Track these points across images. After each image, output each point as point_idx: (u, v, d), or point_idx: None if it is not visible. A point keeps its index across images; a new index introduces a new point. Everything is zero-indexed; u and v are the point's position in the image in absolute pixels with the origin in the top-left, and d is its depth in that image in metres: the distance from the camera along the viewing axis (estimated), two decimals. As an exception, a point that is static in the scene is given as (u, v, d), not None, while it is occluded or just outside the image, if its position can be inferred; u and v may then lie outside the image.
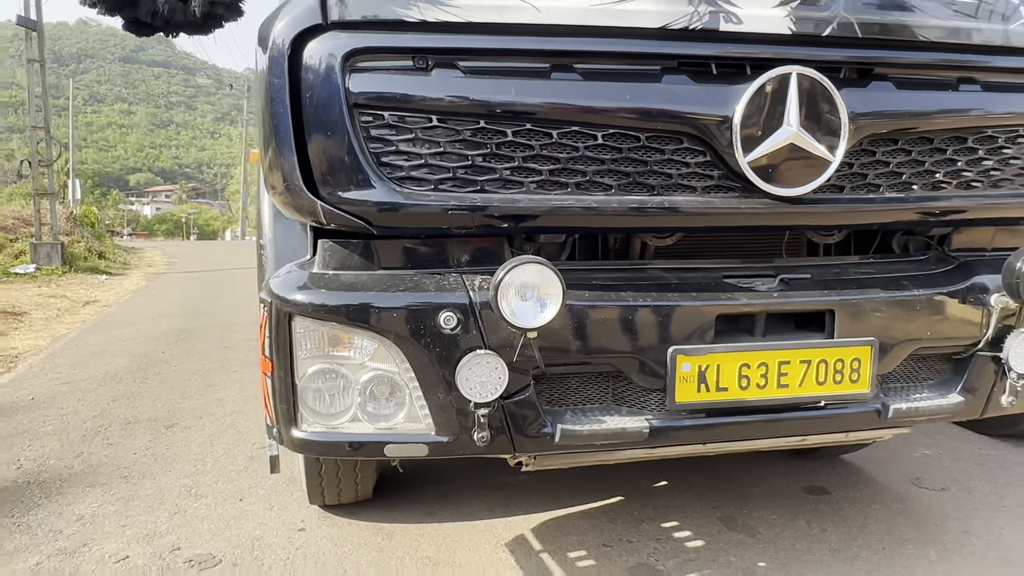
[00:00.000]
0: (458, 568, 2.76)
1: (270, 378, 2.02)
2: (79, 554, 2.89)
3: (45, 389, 5.62)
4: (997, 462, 3.94)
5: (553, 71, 1.89)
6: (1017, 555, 2.90)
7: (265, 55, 1.89)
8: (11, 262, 13.81)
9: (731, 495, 3.43)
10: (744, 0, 1.93)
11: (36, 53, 13.57)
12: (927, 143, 2.16)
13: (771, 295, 2.10)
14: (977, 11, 2.12)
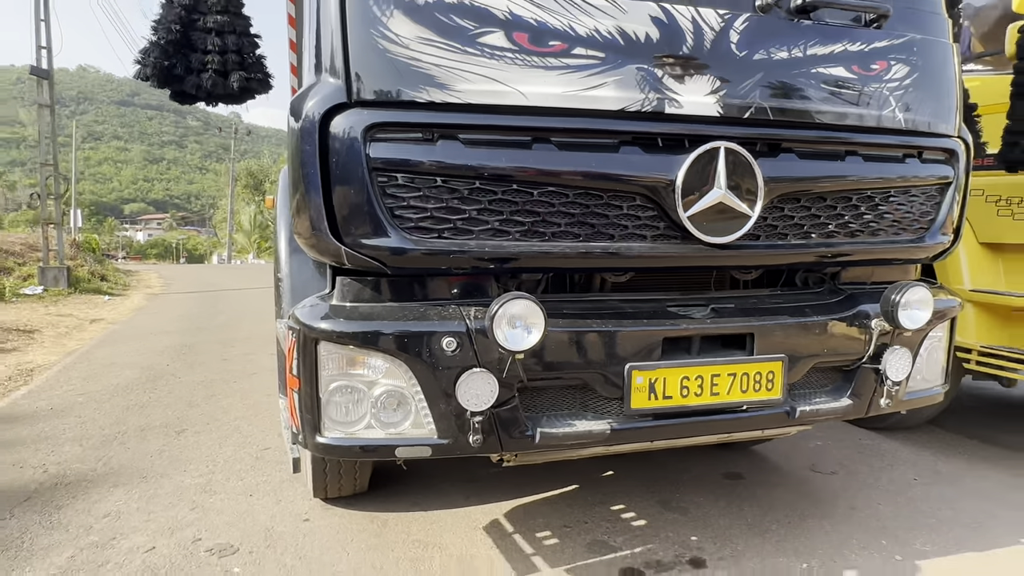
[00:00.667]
0: (445, 549, 2.79)
1: (297, 393, 2.05)
2: (110, 546, 2.82)
3: (62, 399, 5.39)
4: (873, 450, 4.14)
5: (534, 143, 1.99)
6: (891, 524, 3.08)
7: (297, 125, 1.94)
8: (20, 284, 13.13)
9: (666, 482, 3.53)
10: (684, 88, 2.07)
11: (47, 99, 13.05)
12: (822, 201, 2.32)
13: (705, 321, 2.23)
14: (859, 100, 2.30)
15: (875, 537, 2.95)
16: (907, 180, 2.43)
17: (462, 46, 1.91)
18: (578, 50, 1.98)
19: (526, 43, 1.95)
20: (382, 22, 1.88)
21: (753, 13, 2.15)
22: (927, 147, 2.46)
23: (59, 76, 15.83)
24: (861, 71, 2.29)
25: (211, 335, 8.90)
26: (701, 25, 2.09)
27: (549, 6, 1.96)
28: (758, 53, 2.15)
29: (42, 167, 13.18)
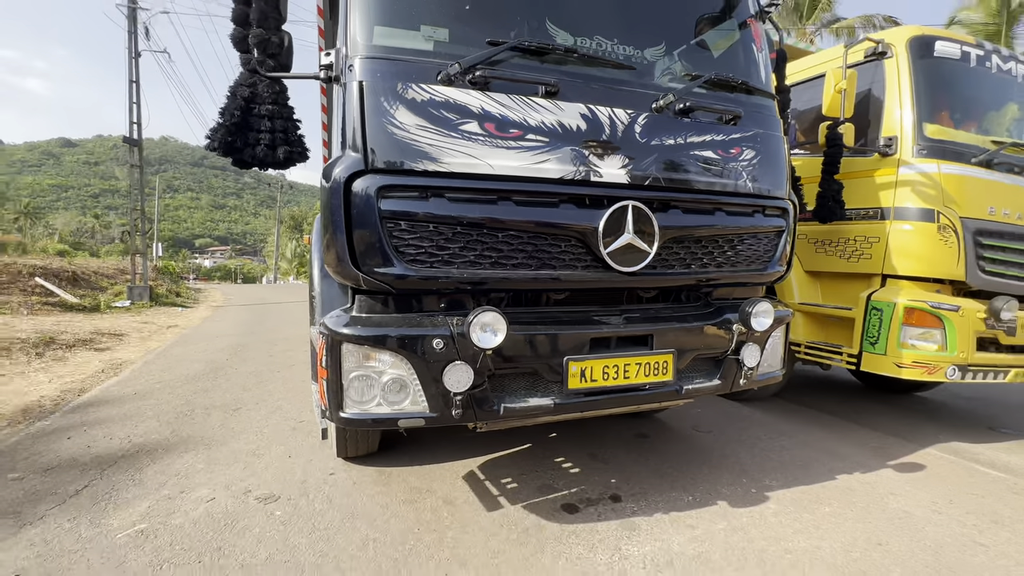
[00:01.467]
0: (434, 492, 2.73)
1: (326, 380, 2.00)
2: (179, 498, 2.67)
3: (144, 386, 5.11)
4: (736, 415, 4.20)
5: (499, 200, 2.01)
6: (749, 468, 3.12)
7: (328, 185, 1.92)
8: (113, 299, 12.46)
9: (594, 440, 3.52)
10: (603, 164, 2.12)
11: (136, 160, 12.55)
12: (699, 243, 2.39)
13: (619, 326, 2.26)
14: (722, 173, 2.39)
15: (738, 477, 3.01)
16: (755, 228, 2.52)
17: (448, 131, 1.92)
18: (530, 136, 2.02)
19: (493, 130, 1.97)
20: (390, 114, 1.89)
21: (651, 112, 2.23)
22: (768, 206, 2.56)
23: (145, 144, 15.25)
24: (724, 153, 2.39)
25: (260, 337, 8.58)
26: (615, 120, 2.15)
27: (509, 105, 2.00)
28: (654, 140, 2.22)
29: (131, 211, 12.63)
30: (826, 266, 3.92)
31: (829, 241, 3.88)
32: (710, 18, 2.59)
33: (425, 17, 2.03)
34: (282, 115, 2.13)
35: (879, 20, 17.54)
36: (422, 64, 1.94)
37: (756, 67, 2.67)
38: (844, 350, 3.68)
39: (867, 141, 3.70)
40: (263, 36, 2.03)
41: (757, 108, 2.56)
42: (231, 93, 2.09)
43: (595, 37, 2.25)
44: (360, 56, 1.93)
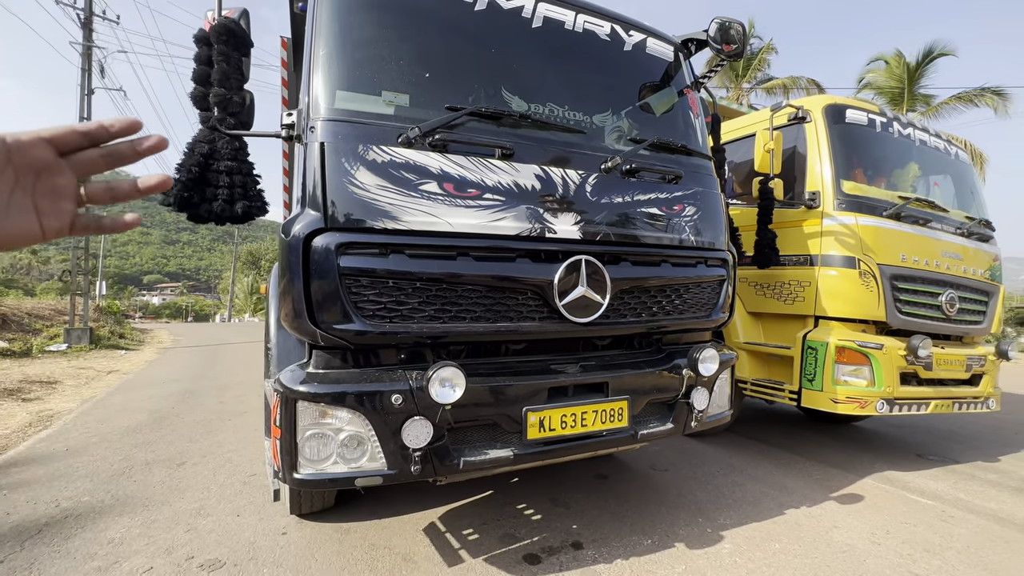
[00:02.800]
0: (393, 549, 2.61)
1: (279, 440, 1.92)
2: (112, 570, 2.42)
3: (77, 440, 4.67)
4: (691, 451, 4.28)
5: (458, 256, 2.04)
6: (704, 506, 3.17)
7: (287, 241, 1.90)
8: (47, 343, 11.47)
9: (555, 484, 3.47)
10: (557, 221, 2.20)
11: (83, 197, 11.84)
12: (648, 293, 2.50)
13: (576, 375, 2.29)
14: (667, 228, 2.53)
15: (694, 516, 3.04)
16: (699, 278, 2.66)
17: (407, 191, 1.96)
18: (487, 195, 2.08)
19: (452, 190, 2.03)
20: (351, 174, 1.91)
21: (600, 173, 2.36)
22: (710, 257, 2.71)
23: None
24: (667, 209, 2.54)
25: (210, 382, 8.09)
26: (567, 180, 2.26)
27: (467, 166, 2.07)
28: (604, 198, 2.34)
29: (74, 249, 11.84)
30: (766, 308, 4.16)
31: (768, 284, 4.13)
32: (651, 87, 2.80)
33: (386, 83, 2.10)
34: (241, 170, 2.11)
35: (804, 81, 19.40)
36: (383, 127, 1.99)
37: (694, 130, 2.89)
38: (786, 387, 3.86)
39: (795, 194, 4.02)
40: (224, 96, 2.04)
41: (696, 168, 2.75)
42: (189, 149, 2.06)
43: (547, 104, 2.39)
44: (321, 119, 1.96)
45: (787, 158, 4.11)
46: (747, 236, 3.92)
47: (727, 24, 2.67)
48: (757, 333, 4.26)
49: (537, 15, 2.43)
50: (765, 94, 20.60)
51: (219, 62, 2.04)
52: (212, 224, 2.15)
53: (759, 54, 19.90)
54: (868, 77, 19.98)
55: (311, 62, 2.06)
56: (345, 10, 2.11)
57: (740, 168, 4.77)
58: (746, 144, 4.54)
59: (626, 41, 2.69)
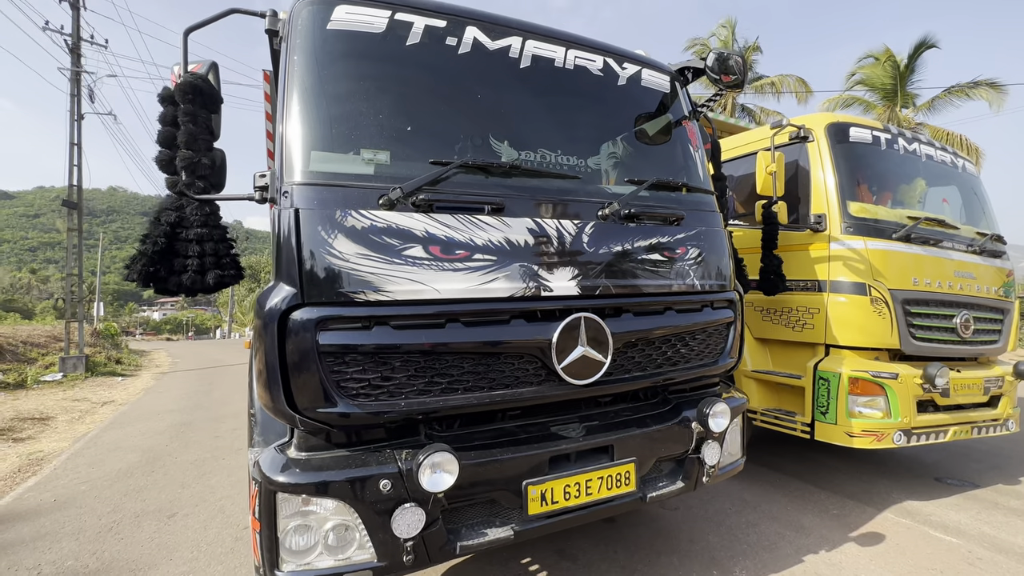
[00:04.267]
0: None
1: (259, 533, 1.77)
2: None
3: (66, 490, 4.51)
4: (704, 492, 4.12)
5: (447, 323, 1.90)
6: (718, 554, 3.01)
7: (262, 318, 1.76)
8: (42, 372, 11.30)
9: (561, 535, 3.25)
10: (553, 277, 2.06)
11: (75, 224, 11.74)
12: (652, 344, 2.35)
13: (579, 440, 2.14)
14: (670, 273, 2.39)
15: (707, 568, 2.88)
16: (706, 323, 2.51)
17: (390, 258, 1.82)
18: (477, 256, 1.94)
19: (438, 253, 1.89)
20: (328, 243, 1.77)
21: (597, 220, 2.22)
22: (716, 300, 2.57)
23: (92, 194, 14.35)
24: (670, 254, 2.40)
25: (206, 412, 7.92)
26: (562, 231, 2.12)
27: (454, 225, 1.93)
28: (602, 248, 2.20)
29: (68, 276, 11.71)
30: (774, 334, 4.01)
31: (775, 310, 3.99)
32: (648, 121, 2.66)
33: (365, 140, 1.96)
34: (212, 237, 1.97)
35: (792, 80, 19.32)
36: (362, 189, 1.85)
37: (694, 164, 2.75)
38: (798, 419, 3.71)
39: (799, 217, 3.88)
40: (192, 159, 1.90)
41: (698, 204, 2.61)
42: (154, 218, 1.92)
43: (539, 150, 2.25)
44: (296, 183, 1.82)
45: (790, 178, 3.97)
46: (751, 259, 3.77)
47: (725, 56, 2.54)
48: (765, 360, 4.11)
49: (525, 54, 2.30)
50: (755, 92, 20.54)
51: (185, 123, 1.91)
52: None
53: (746, 54, 19.85)
54: (859, 74, 19.91)
55: (284, 120, 1.92)
56: (319, 63, 1.97)
57: (741, 186, 4.64)
58: (746, 160, 4.41)
59: (620, 75, 2.56)
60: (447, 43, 2.15)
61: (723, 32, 20.09)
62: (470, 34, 2.20)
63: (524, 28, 2.35)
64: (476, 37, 2.21)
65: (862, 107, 19.59)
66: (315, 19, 2.01)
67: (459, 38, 2.17)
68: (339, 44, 2.01)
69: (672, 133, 2.75)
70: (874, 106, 19.53)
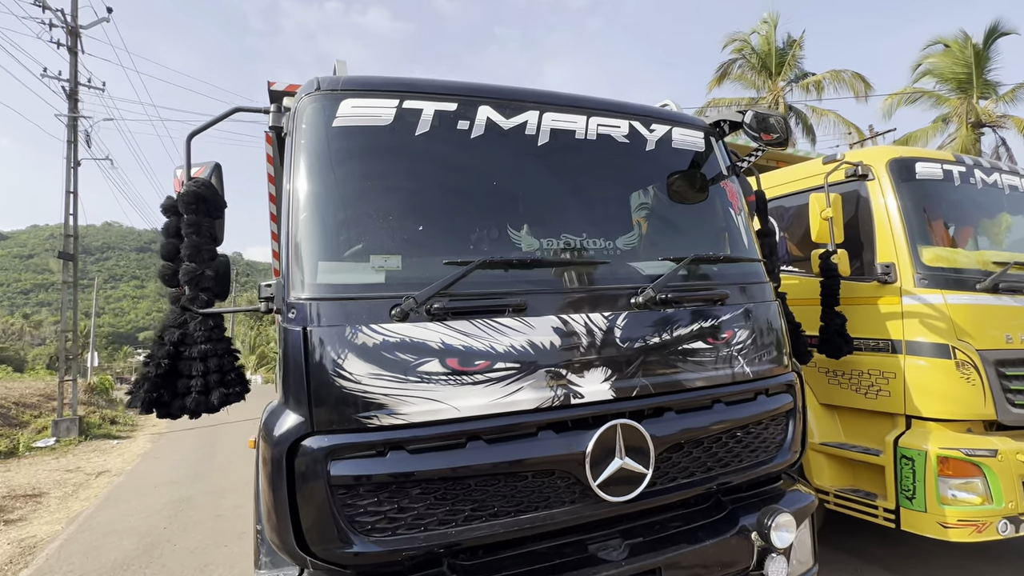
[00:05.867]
0: None
1: None
2: None
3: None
4: None
5: (468, 442, 1.93)
6: None
7: (267, 446, 1.84)
8: (34, 437, 11.80)
9: None
10: (584, 380, 2.08)
11: (71, 277, 12.43)
12: (699, 444, 2.33)
13: (621, 564, 2.09)
14: (716, 362, 2.38)
15: None
16: (761, 414, 2.48)
17: (405, 376, 1.88)
18: (499, 365, 1.99)
19: (456, 366, 1.94)
20: (338, 364, 1.85)
21: (630, 310, 2.24)
22: (772, 385, 2.54)
23: (86, 231, 15.14)
24: (715, 340, 2.39)
25: (207, 484, 8.06)
26: (592, 327, 2.15)
27: (473, 333, 1.98)
28: (638, 341, 2.22)
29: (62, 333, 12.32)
30: (843, 400, 3.90)
31: (842, 372, 3.89)
32: (681, 187, 2.71)
33: (375, 245, 2.06)
34: (217, 352, 2.08)
35: (847, 75, 19.18)
36: (373, 301, 1.93)
37: (736, 230, 2.77)
38: (879, 503, 3.56)
39: (863, 265, 3.81)
40: (195, 272, 2.03)
41: (744, 276, 2.62)
42: (158, 337, 2.05)
43: (561, 236, 2.31)
44: (303, 297, 1.92)
45: (849, 219, 3.92)
46: (809, 312, 3.70)
47: (764, 114, 2.58)
48: (835, 430, 3.99)
49: (543, 130, 2.39)
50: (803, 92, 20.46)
51: (189, 234, 2.05)
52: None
53: (791, 50, 19.88)
54: (926, 64, 19.64)
55: (289, 226, 2.04)
56: (325, 165, 2.10)
57: (795, 224, 4.59)
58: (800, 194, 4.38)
59: (647, 138, 2.62)
60: (459, 127, 2.26)
61: (764, 28, 20.26)
62: (483, 114, 2.31)
63: (540, 100, 2.45)
64: (490, 117, 2.31)
65: (931, 101, 19.27)
66: (320, 116, 2.15)
67: (471, 120, 2.28)
68: (346, 142, 2.14)
69: (710, 196, 2.78)
70: (945, 99, 19.18)
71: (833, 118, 19.52)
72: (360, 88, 2.21)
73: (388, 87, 2.25)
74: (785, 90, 20.57)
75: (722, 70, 21.11)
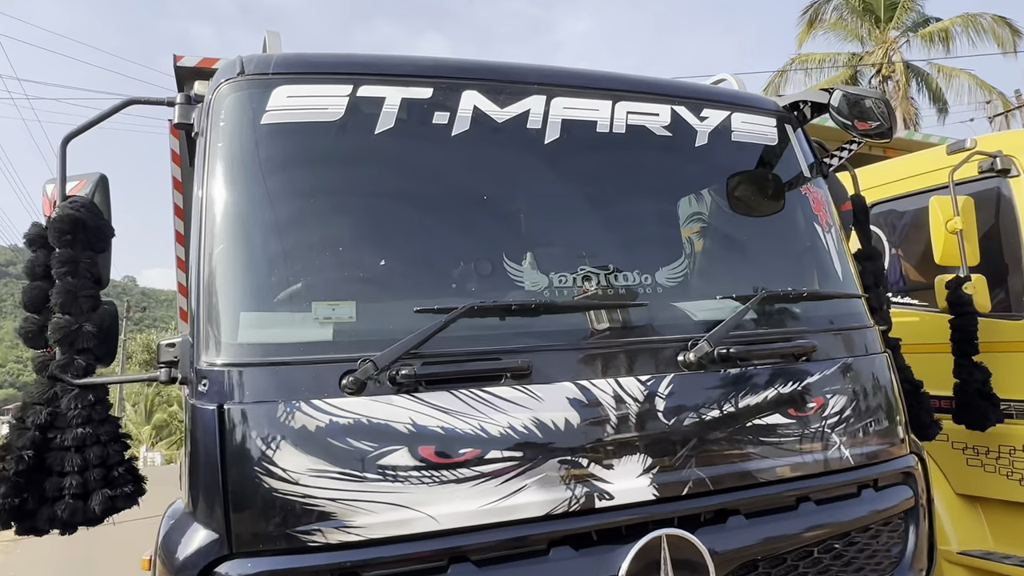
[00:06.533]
0: None
1: None
2: None
3: None
4: None
5: (451, 565, 1.94)
6: None
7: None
8: None
9: None
10: (613, 475, 2.10)
11: None
12: (781, 562, 2.32)
13: None
14: (801, 444, 2.40)
15: None
16: (867, 516, 2.49)
17: (361, 472, 1.91)
18: (493, 455, 2.01)
19: (433, 457, 1.97)
20: (267, 457, 1.88)
21: (677, 372, 2.27)
22: (882, 474, 2.55)
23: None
24: (798, 411, 2.42)
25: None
26: (623, 396, 2.18)
27: (455, 408, 2.01)
28: (688, 416, 2.24)
29: None
30: (990, 490, 3.88)
31: (987, 449, 3.88)
32: (745, 196, 2.77)
33: (319, 288, 2.11)
34: (99, 438, 2.12)
35: (987, 21, 19.52)
36: (317, 366, 1.97)
37: (825, 253, 2.81)
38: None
39: (1009, 296, 3.85)
40: (70, 328, 2.08)
41: (838, 320, 2.66)
42: (16, 422, 2.08)
43: (579, 269, 2.36)
44: (217, 363, 1.97)
45: (988, 230, 3.97)
46: (935, 364, 3.71)
47: (857, 97, 2.65)
48: (979, 532, 3.96)
49: (551, 120, 2.45)
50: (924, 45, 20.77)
51: (62, 275, 2.11)
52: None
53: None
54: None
55: (200, 262, 2.09)
56: (250, 179, 2.17)
57: (913, 236, 4.62)
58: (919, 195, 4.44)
59: (697, 129, 2.69)
60: (436, 121, 2.33)
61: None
62: (468, 102, 2.39)
63: (548, 80, 2.53)
64: (478, 106, 2.39)
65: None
66: (244, 110, 2.23)
67: (453, 110, 2.35)
68: (280, 146, 2.22)
69: (787, 206, 2.85)
70: None
71: (967, 80, 19.77)
72: (299, 70, 2.30)
73: (338, 68, 2.34)
74: (899, 42, 20.91)
75: (810, 15, 21.49)
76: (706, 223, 2.81)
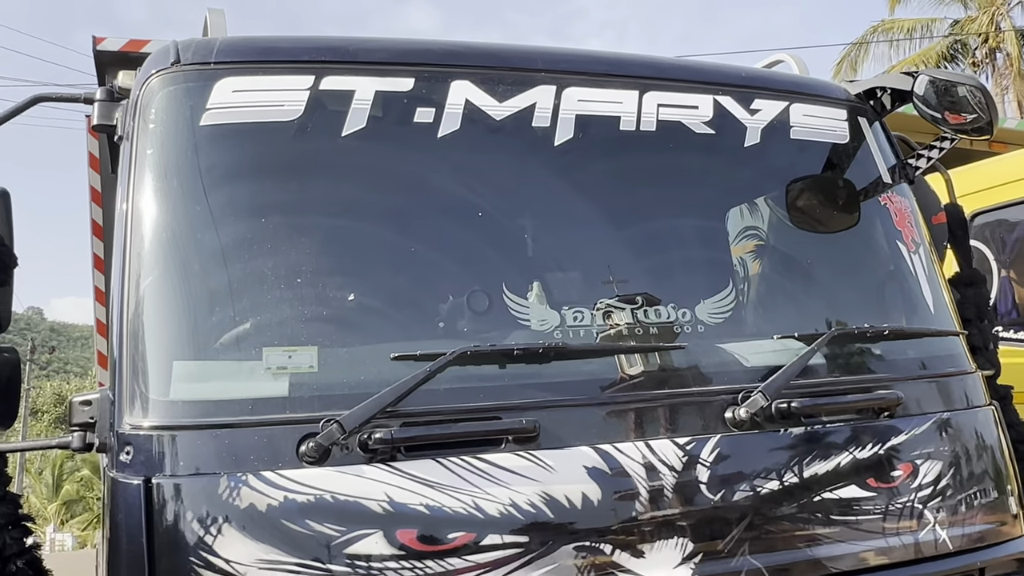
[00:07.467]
0: None
1: None
2: None
3: None
4: None
5: None
6: None
7: None
8: None
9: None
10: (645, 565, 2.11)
11: None
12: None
13: None
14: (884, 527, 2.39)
15: None
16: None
17: (323, 564, 1.94)
18: (490, 539, 2.03)
19: (414, 543, 1.99)
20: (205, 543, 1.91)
21: (725, 432, 2.29)
22: (990, 562, 2.54)
23: None
24: (880, 483, 2.43)
25: None
26: (656, 466, 2.20)
27: (442, 482, 2.04)
28: (739, 489, 2.25)
29: None
30: None
31: None
32: (808, 213, 2.80)
33: (272, 330, 2.15)
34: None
35: None
36: (269, 428, 2.00)
37: (911, 278, 2.83)
38: None
39: None
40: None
41: (930, 364, 2.68)
42: None
43: (599, 301, 2.39)
44: (144, 426, 2.00)
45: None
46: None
47: (948, 83, 2.69)
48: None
49: (563, 117, 2.50)
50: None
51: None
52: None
53: None
54: None
55: (125, 293, 2.13)
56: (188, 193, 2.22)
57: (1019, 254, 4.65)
58: None
59: (747, 125, 2.73)
60: (418, 119, 2.39)
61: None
62: (459, 95, 2.43)
63: (557, 65, 2.58)
64: (471, 100, 2.44)
65: None
66: (179, 108, 2.29)
67: (439, 107, 2.40)
68: (224, 152, 2.28)
69: (861, 220, 2.87)
70: None
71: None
72: (248, 58, 2.36)
73: (296, 55, 2.40)
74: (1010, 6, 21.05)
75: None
76: (762, 240, 2.83)
